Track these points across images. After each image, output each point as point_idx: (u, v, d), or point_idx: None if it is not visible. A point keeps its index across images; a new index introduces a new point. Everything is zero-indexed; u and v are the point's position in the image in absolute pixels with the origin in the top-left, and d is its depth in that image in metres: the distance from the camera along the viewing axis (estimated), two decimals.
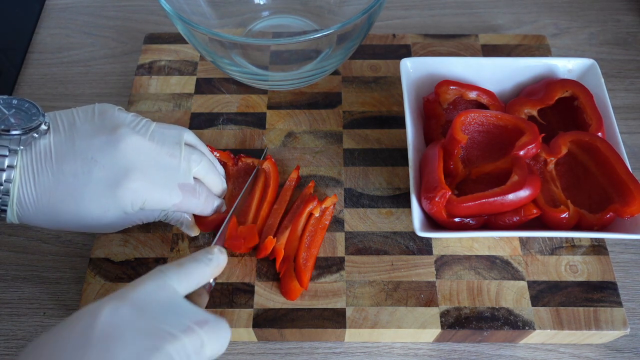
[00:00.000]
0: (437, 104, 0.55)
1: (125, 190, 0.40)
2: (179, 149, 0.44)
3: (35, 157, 0.39)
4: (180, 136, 0.44)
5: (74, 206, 0.40)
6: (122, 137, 0.40)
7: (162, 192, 0.42)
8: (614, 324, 0.48)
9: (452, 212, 0.47)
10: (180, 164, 0.43)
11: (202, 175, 0.46)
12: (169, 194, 0.43)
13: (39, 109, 0.40)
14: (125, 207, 0.41)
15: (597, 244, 0.52)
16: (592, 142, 0.50)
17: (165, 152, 0.43)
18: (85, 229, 0.43)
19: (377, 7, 0.52)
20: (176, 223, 0.48)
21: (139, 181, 0.40)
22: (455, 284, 0.49)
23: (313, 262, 0.50)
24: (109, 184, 0.40)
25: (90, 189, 0.39)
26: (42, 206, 0.39)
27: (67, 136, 0.40)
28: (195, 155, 0.45)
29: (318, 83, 0.62)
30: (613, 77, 0.69)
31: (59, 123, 0.40)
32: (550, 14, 0.76)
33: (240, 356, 0.50)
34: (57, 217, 0.40)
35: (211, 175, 0.47)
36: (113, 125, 0.41)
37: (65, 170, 0.39)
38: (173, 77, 0.63)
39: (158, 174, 0.42)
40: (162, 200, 0.43)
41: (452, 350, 0.50)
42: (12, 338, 0.51)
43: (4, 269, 0.55)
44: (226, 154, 0.55)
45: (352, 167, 0.56)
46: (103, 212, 0.41)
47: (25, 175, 0.38)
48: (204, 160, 0.46)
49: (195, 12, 0.62)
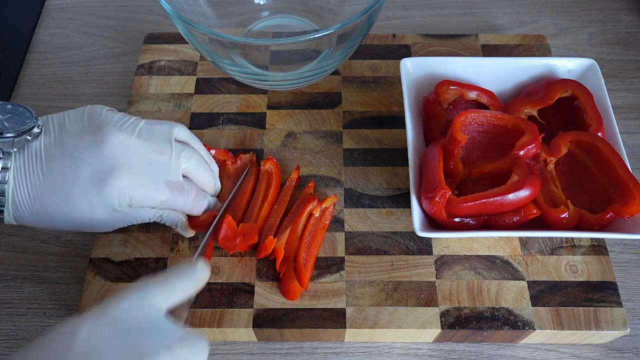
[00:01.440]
0: (437, 104, 0.55)
1: (112, 187, 0.40)
2: (168, 145, 0.44)
3: (28, 159, 0.39)
4: (170, 132, 0.44)
5: (64, 205, 0.40)
6: (107, 135, 0.41)
7: (148, 188, 0.42)
8: (614, 324, 0.48)
9: (452, 212, 0.47)
10: (168, 161, 0.43)
11: (193, 173, 0.46)
12: (156, 191, 0.43)
13: (32, 112, 0.41)
14: (113, 204, 0.41)
15: (597, 244, 0.52)
16: (592, 142, 0.50)
17: (153, 149, 0.43)
18: (79, 228, 0.43)
19: (377, 7, 0.52)
20: (171, 224, 0.48)
21: (124, 178, 0.41)
22: (455, 284, 0.49)
23: (313, 262, 0.50)
24: (95, 182, 0.40)
25: (78, 188, 0.40)
26: (35, 206, 0.40)
27: (57, 137, 0.41)
28: (186, 152, 0.45)
29: (318, 83, 0.62)
30: (613, 77, 0.69)
31: (50, 125, 0.41)
32: (550, 14, 0.76)
33: (240, 356, 0.50)
34: (51, 217, 0.41)
35: (202, 172, 0.47)
36: (100, 124, 0.41)
37: (54, 170, 0.40)
38: (173, 77, 0.63)
39: (145, 170, 0.42)
40: (148, 197, 0.43)
41: (452, 350, 0.50)
42: (12, 338, 0.51)
43: (4, 269, 0.55)
44: (224, 152, 0.54)
45: (352, 167, 0.56)
46: (92, 210, 0.41)
47: (19, 177, 0.39)
48: (194, 157, 0.46)
49: (195, 12, 0.62)
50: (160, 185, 0.43)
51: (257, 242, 0.50)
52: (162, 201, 0.44)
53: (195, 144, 0.48)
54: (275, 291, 0.49)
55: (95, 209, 0.41)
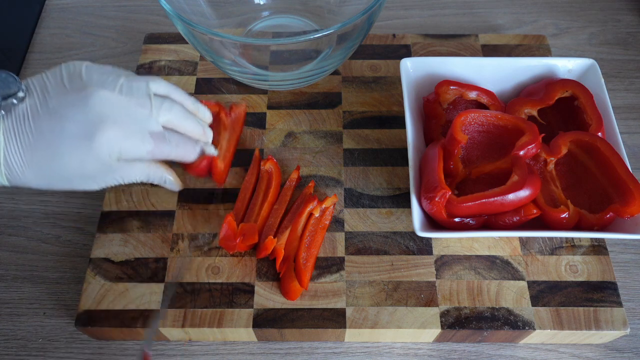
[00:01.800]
0: (437, 104, 0.55)
1: (101, 140, 0.42)
2: (147, 99, 0.46)
3: (16, 121, 0.41)
4: (147, 87, 0.46)
5: (55, 161, 0.42)
6: (91, 93, 0.43)
7: (134, 140, 0.45)
8: (614, 324, 0.48)
9: (452, 212, 0.47)
10: (149, 113, 0.46)
11: (177, 123, 0.48)
12: (142, 141, 0.45)
13: (16, 78, 0.43)
14: (103, 158, 0.43)
15: (597, 244, 0.52)
16: (592, 142, 0.50)
17: (134, 103, 0.45)
18: (69, 185, 0.45)
19: (377, 7, 0.52)
20: (159, 181, 0.49)
21: (111, 131, 0.43)
22: (455, 284, 0.49)
23: (313, 262, 0.50)
24: (83, 136, 0.42)
25: (68, 142, 0.42)
26: (27, 165, 0.42)
27: (41, 99, 0.43)
28: (166, 104, 0.47)
29: (318, 83, 0.62)
30: (613, 77, 0.69)
31: (32, 88, 0.43)
32: (550, 14, 0.76)
33: (240, 356, 0.50)
34: (42, 174, 0.43)
35: (185, 121, 0.49)
36: (82, 84, 0.44)
37: (42, 129, 0.42)
38: (173, 77, 0.63)
39: (129, 123, 0.44)
40: (135, 148, 0.45)
41: (452, 350, 0.50)
42: (12, 338, 0.51)
43: (4, 269, 0.55)
44: (216, 105, 0.56)
45: (352, 167, 0.56)
46: (82, 164, 0.43)
47: (9, 138, 0.41)
48: (175, 108, 0.47)
49: (195, 12, 0.62)
50: (145, 135, 0.45)
51: (257, 242, 0.50)
52: (149, 151, 0.46)
53: (177, 95, 0.49)
54: (275, 291, 0.49)
55: (85, 163, 0.43)
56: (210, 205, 0.54)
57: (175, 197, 0.54)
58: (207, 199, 0.54)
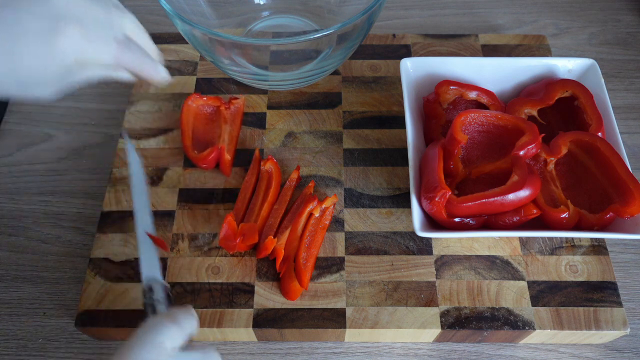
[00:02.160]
0: (437, 104, 0.55)
1: (64, 38, 0.41)
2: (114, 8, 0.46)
3: None
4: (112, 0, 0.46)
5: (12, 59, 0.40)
6: None
7: (98, 42, 0.44)
8: (614, 324, 0.48)
9: (452, 212, 0.47)
10: (112, 19, 0.45)
11: (139, 37, 0.48)
12: (106, 44, 0.44)
13: None
14: (64, 59, 0.42)
15: (597, 244, 0.52)
16: (592, 142, 0.50)
17: (101, 9, 0.45)
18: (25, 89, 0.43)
19: (377, 7, 0.52)
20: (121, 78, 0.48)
21: (75, 29, 0.42)
22: (455, 284, 0.49)
23: (313, 262, 0.50)
24: (45, 33, 0.41)
25: (28, 38, 0.40)
26: None
27: None
28: (130, 16, 0.47)
29: (318, 83, 0.62)
30: (613, 77, 0.69)
31: None
32: (550, 14, 0.76)
33: (240, 356, 0.50)
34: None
35: (145, 36, 0.49)
36: None
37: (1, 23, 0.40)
38: (173, 77, 0.63)
39: (93, 25, 0.43)
40: (99, 50, 0.44)
41: (452, 350, 0.50)
42: (12, 338, 0.51)
43: (4, 269, 0.55)
44: (215, 98, 0.58)
45: (352, 167, 0.56)
46: (41, 63, 0.41)
47: None
48: (135, 23, 0.48)
49: (195, 12, 0.62)
50: (109, 40, 0.44)
51: (257, 242, 0.50)
52: (113, 55, 0.45)
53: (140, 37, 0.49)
54: (275, 291, 0.49)
55: (45, 61, 0.41)
56: (210, 205, 0.54)
57: (175, 197, 0.54)
58: (207, 199, 0.54)
